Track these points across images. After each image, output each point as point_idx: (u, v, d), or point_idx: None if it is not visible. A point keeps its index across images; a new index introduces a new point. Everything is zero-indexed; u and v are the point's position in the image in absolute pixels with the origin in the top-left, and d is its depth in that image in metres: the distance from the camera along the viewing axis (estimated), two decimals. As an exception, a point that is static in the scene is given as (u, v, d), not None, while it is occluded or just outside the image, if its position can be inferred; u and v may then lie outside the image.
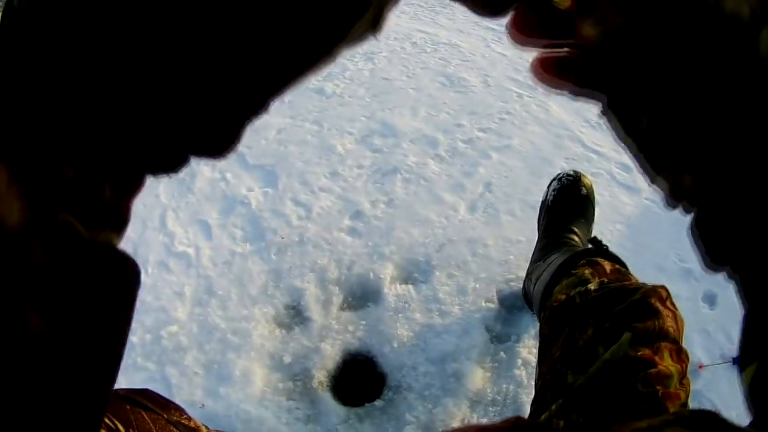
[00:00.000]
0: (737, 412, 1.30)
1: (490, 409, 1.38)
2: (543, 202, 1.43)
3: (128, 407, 0.59)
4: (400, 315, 1.42)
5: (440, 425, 1.35)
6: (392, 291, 1.45)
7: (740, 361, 0.33)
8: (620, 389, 0.73)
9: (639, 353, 0.74)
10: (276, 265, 1.49)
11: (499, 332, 1.41)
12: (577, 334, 0.84)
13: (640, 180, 1.63)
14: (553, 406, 0.78)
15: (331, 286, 1.46)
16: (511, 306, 1.43)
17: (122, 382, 0.93)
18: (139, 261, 1.12)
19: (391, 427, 1.35)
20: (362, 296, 1.46)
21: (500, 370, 1.38)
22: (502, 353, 1.38)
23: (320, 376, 1.37)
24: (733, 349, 1.37)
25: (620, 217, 1.60)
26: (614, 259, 1.03)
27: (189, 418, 0.63)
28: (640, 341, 0.76)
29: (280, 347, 1.39)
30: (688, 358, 0.78)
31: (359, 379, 1.39)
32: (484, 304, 1.43)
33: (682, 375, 0.75)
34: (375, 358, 1.39)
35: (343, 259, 1.50)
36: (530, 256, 1.40)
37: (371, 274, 1.47)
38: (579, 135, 1.77)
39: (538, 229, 1.43)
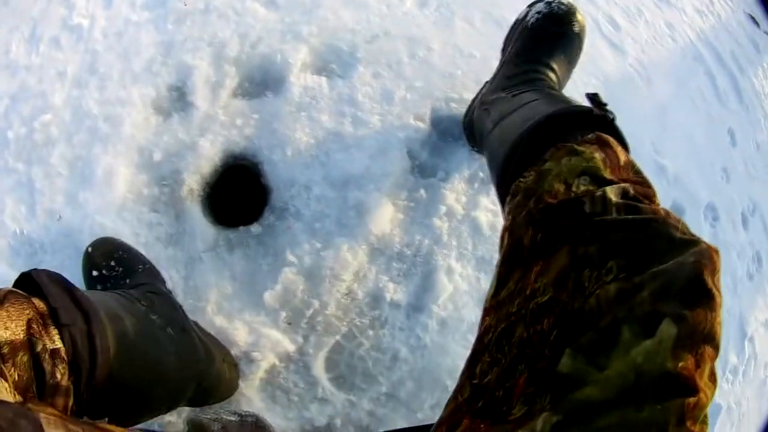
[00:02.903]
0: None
1: (394, 264, 1.02)
2: (519, 22, 1.03)
3: None
4: (302, 113, 1.05)
5: (327, 274, 1.00)
6: (300, 81, 1.08)
7: None
8: (648, 422, 0.48)
9: (680, 364, 0.50)
10: (170, 37, 1.13)
11: (425, 161, 1.03)
12: (585, 283, 0.55)
13: (629, 43, 1.38)
14: (538, 422, 0.48)
15: (227, 65, 1.09)
16: (444, 132, 1.08)
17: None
18: (34, 39, 1.16)
19: (265, 263, 1.04)
20: (261, 82, 1.10)
21: (416, 213, 1.00)
22: (422, 191, 1.00)
23: (191, 181, 1.05)
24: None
25: (598, 72, 1.29)
26: (621, 139, 0.71)
27: None
28: (684, 343, 0.51)
29: (153, 139, 1.07)
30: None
31: (237, 191, 1.08)
32: (412, 121, 1.05)
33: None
34: (261, 165, 1.06)
35: (249, 34, 1.11)
36: (483, 77, 1.06)
37: (278, 56, 1.09)
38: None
39: (503, 51, 1.05)
